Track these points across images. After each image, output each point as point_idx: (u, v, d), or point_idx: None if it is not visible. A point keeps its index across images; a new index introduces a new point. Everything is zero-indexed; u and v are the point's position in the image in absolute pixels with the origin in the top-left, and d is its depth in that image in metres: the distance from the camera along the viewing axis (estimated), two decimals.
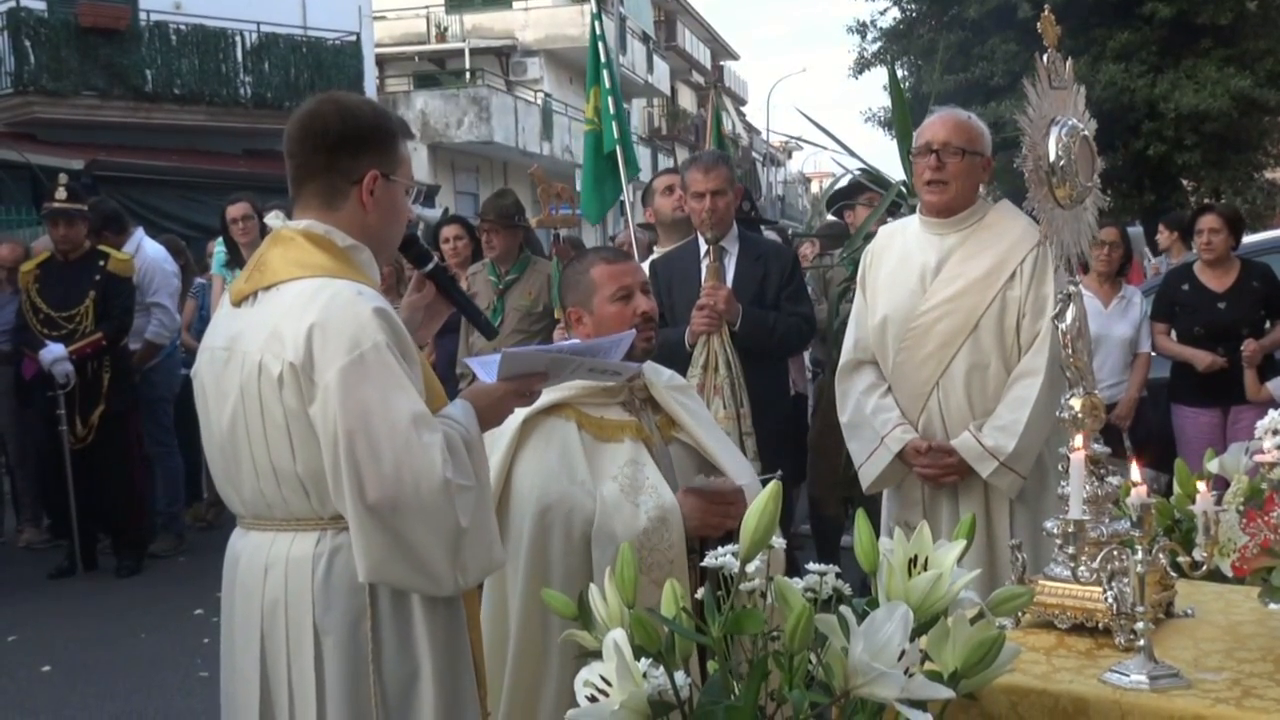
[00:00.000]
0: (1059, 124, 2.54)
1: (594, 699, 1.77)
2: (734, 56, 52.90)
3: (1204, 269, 6.23)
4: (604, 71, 6.24)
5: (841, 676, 1.73)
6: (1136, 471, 2.16)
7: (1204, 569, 2.16)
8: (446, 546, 2.01)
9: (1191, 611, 2.44)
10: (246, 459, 2.13)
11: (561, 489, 2.63)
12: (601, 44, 6.39)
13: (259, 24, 18.48)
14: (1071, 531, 2.25)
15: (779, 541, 1.99)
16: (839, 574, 1.93)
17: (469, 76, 30.11)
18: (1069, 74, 2.64)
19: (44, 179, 11.19)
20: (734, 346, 4.36)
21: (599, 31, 6.42)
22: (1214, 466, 2.76)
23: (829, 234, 7.25)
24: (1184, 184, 19.44)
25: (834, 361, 4.05)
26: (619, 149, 6.03)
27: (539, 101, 30.56)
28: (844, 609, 1.78)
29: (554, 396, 2.69)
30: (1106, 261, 6.32)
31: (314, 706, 2.08)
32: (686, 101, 44.54)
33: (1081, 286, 2.68)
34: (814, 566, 1.94)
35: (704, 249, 4.52)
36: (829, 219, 7.65)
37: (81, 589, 6.76)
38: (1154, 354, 6.38)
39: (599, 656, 1.82)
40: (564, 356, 2.33)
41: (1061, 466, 2.45)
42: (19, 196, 14.20)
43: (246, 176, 14.46)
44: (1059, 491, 2.46)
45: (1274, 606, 2.18)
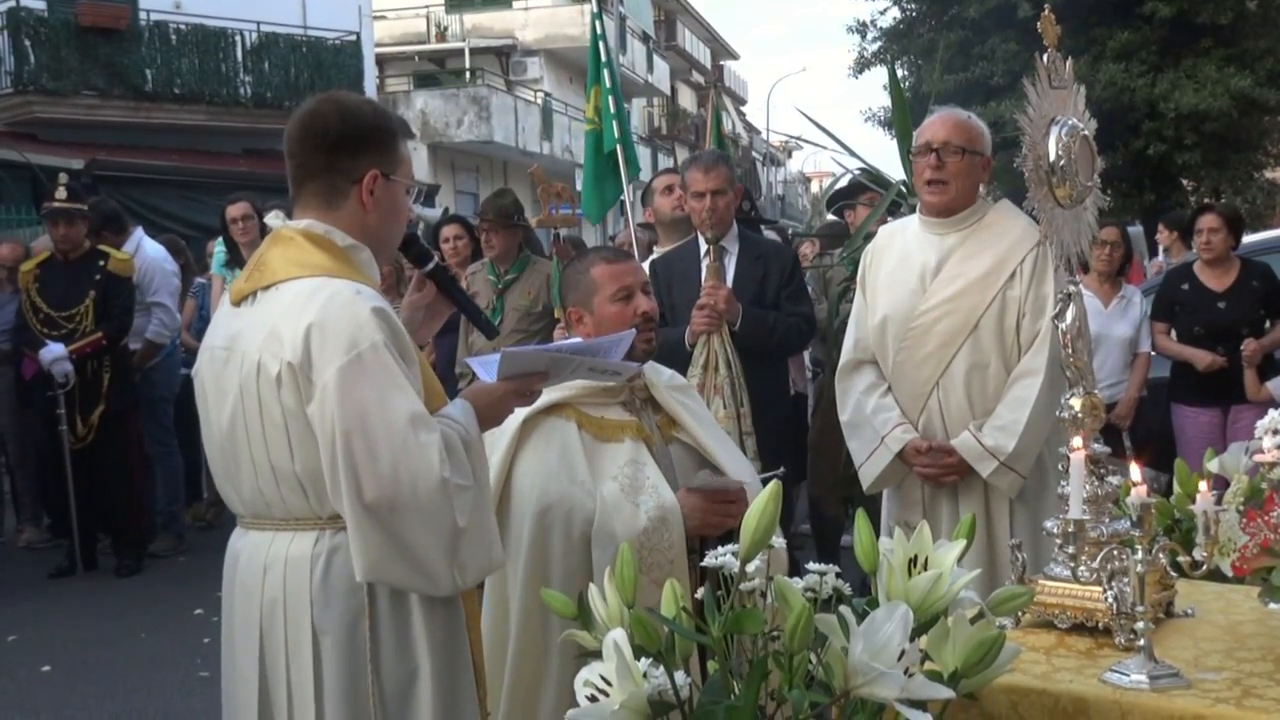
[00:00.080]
0: (1059, 124, 2.54)
1: (594, 699, 1.77)
2: (734, 56, 52.89)
3: (1204, 269, 6.23)
4: (604, 71, 6.23)
5: (841, 676, 1.73)
6: (1136, 471, 2.16)
7: (1204, 569, 2.16)
8: (444, 546, 2.01)
9: (1191, 611, 2.44)
10: (246, 458, 2.13)
11: (561, 489, 2.63)
12: (602, 43, 6.37)
13: (259, 24, 18.48)
14: (1071, 531, 2.25)
15: (779, 541, 1.99)
16: (839, 574, 1.93)
17: (469, 76, 30.12)
18: (1069, 74, 2.64)
19: (44, 179, 11.19)
20: (734, 346, 4.36)
21: (599, 31, 6.42)
22: (1214, 466, 2.76)
23: (829, 234, 7.24)
24: (1184, 184, 19.44)
25: (834, 361, 4.05)
26: (619, 148, 6.03)
27: (539, 101, 30.56)
28: (844, 609, 1.78)
29: (554, 396, 2.69)
30: (1107, 261, 6.32)
31: (313, 706, 2.08)
32: (686, 101, 44.54)
33: (1081, 286, 2.68)
34: (814, 566, 1.93)
35: (704, 249, 4.52)
36: (829, 219, 7.65)
37: (81, 589, 6.76)
38: (1154, 354, 6.38)
39: (599, 656, 1.82)
40: (564, 356, 2.33)
41: (1061, 466, 2.45)
42: (19, 196, 14.18)
43: (246, 176, 14.46)
44: (1059, 491, 2.46)
45: (1274, 606, 2.18)
